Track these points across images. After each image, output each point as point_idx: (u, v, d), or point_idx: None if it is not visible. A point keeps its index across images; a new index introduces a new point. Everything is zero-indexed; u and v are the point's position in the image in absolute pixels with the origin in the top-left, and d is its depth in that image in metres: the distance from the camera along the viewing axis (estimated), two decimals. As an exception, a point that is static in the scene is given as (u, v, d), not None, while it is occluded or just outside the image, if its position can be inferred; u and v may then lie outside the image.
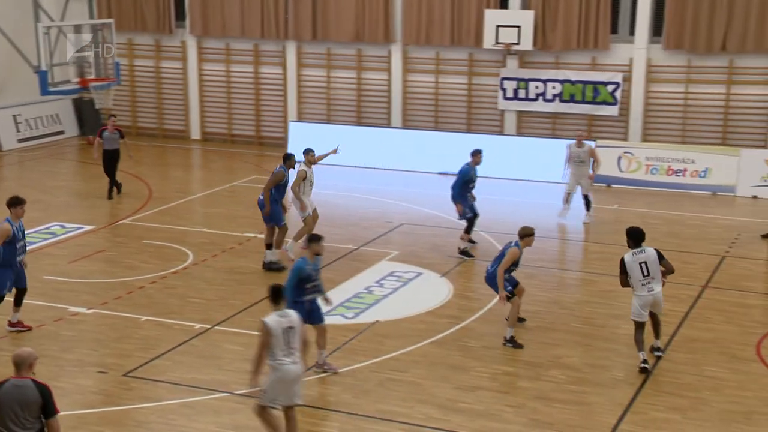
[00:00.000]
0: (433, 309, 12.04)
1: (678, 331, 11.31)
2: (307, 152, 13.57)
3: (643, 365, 10.05)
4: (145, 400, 9.37)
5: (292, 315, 8.22)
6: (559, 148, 19.40)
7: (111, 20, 19.51)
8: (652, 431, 8.98)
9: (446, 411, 9.30)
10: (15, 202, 10.74)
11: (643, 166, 18.79)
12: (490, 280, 10.93)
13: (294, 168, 13.42)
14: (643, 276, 10.01)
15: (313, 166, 13.60)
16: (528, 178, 18.99)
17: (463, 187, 13.85)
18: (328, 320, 11.30)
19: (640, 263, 10.03)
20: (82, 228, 15.52)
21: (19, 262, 10.83)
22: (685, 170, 18.50)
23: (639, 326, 10.11)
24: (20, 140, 22.35)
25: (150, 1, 22.75)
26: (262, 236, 15.08)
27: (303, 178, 13.31)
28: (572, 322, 11.62)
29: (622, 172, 18.87)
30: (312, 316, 9.73)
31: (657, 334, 10.50)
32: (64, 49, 19.50)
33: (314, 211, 13.71)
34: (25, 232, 10.97)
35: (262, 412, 8.26)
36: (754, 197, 17.96)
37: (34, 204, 17.05)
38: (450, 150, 20.03)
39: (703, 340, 11.07)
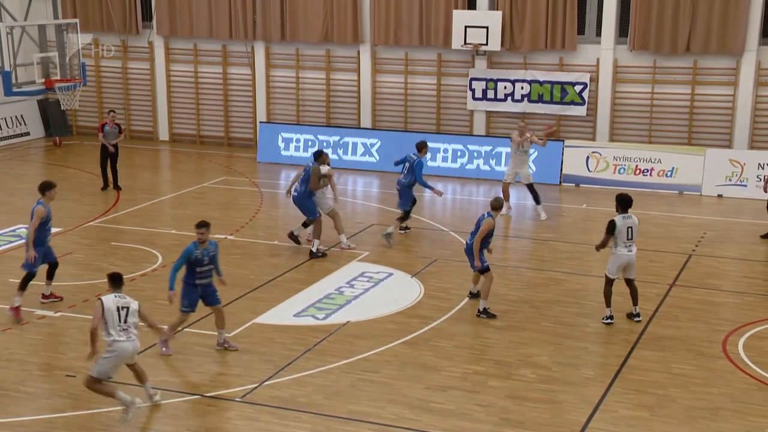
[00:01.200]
0: (404, 309, 12.07)
1: (646, 330, 11.45)
2: (320, 154, 14.20)
3: (608, 321, 11.46)
4: (113, 404, 9.28)
5: (129, 298, 9.16)
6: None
7: (76, 20, 19.28)
8: (621, 428, 9.09)
9: (418, 411, 9.33)
10: (48, 186, 11.89)
11: (611, 165, 18.99)
12: (469, 251, 11.85)
13: (328, 164, 14.25)
14: (627, 239, 11.33)
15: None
16: (497, 178, 19.11)
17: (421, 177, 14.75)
18: (300, 321, 11.31)
19: (627, 227, 11.31)
20: (54, 230, 15.29)
21: (48, 240, 11.84)
22: (652, 170, 18.73)
23: (610, 282, 11.46)
24: (-16, 142, 22.02)
25: (115, 1, 22.54)
26: (232, 237, 15.05)
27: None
28: (542, 321, 11.72)
29: (590, 171, 19.05)
30: (207, 299, 10.57)
31: (635, 301, 11.63)
32: (29, 49, 19.25)
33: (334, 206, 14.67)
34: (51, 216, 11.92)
35: (94, 383, 8.97)
36: (719, 196, 18.23)
37: (-1, 207, 16.85)
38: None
39: (671, 337, 11.22)
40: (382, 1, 20.82)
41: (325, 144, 20.67)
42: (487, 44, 19.95)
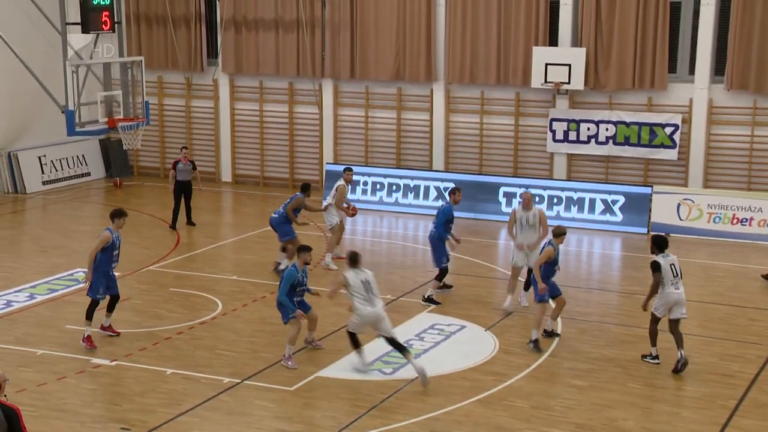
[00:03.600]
0: (477, 365, 11.95)
1: (746, 395, 11.09)
2: (347, 170, 16.43)
3: (654, 361, 11.88)
4: (169, 459, 9.39)
5: None
6: (613, 194, 19.42)
7: (141, 58, 19.97)
8: (717, 503, 8.76)
9: (492, 477, 9.18)
10: (118, 214, 12.55)
11: (705, 214, 18.61)
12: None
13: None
14: (673, 276, 11.70)
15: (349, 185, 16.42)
16: (579, 226, 18.91)
17: (446, 226, 14.26)
18: (366, 375, 11.31)
19: (670, 265, 11.70)
20: (106, 274, 15.70)
21: (112, 269, 12.56)
22: (752, 219, 18.28)
23: (656, 321, 11.85)
24: (45, 182, 22.85)
25: (181, 38, 23.31)
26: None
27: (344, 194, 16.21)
28: (629, 382, 11.46)
29: (681, 220, 18.71)
30: (302, 307, 11.99)
31: (680, 344, 11.70)
32: (92, 87, 19.99)
33: (341, 222, 16.32)
34: (119, 245, 12.60)
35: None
36: (827, 248, 17.65)
37: (56, 249, 17.40)
38: (495, 195, 20.12)
39: (773, 403, 10.84)
40: (457, 37, 21.04)
41: (394, 187, 20.81)
42: (569, 83, 19.91)
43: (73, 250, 17.40)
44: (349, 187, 16.57)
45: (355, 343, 11.72)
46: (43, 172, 22.88)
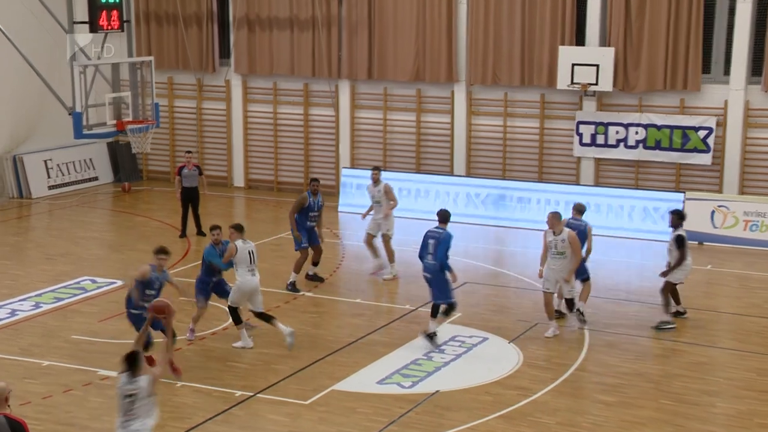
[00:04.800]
0: (500, 379, 11.93)
1: (783, 411, 11.00)
2: (375, 168, 16.50)
3: (670, 326, 13.66)
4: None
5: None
6: (643, 200, 19.34)
7: (151, 58, 20.10)
8: None
9: (515, 496, 9.16)
10: (158, 251, 11.97)
11: (741, 221, 18.48)
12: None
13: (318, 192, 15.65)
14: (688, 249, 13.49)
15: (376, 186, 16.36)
16: (607, 234, 18.82)
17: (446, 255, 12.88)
18: (383, 389, 11.31)
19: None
20: (114, 283, 15.82)
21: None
22: (789, 226, 18.16)
23: (671, 288, 13.79)
24: (51, 187, 23.01)
25: (192, 38, 23.43)
26: (310, 294, 15.23)
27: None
28: (660, 398, 11.40)
29: (715, 228, 18.58)
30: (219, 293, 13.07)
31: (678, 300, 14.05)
32: (100, 89, 20.12)
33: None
34: (160, 285, 11.84)
35: None
36: None
37: (63, 257, 17.51)
38: (519, 201, 20.08)
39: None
40: (479, 36, 21.03)
41: (414, 192, 20.80)
42: (597, 84, 19.85)
43: (79, 258, 17.51)
44: (378, 186, 16.40)
45: (237, 320, 12.66)
46: (49, 177, 23.04)
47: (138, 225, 20.16)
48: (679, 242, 13.55)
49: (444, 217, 13.14)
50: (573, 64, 19.89)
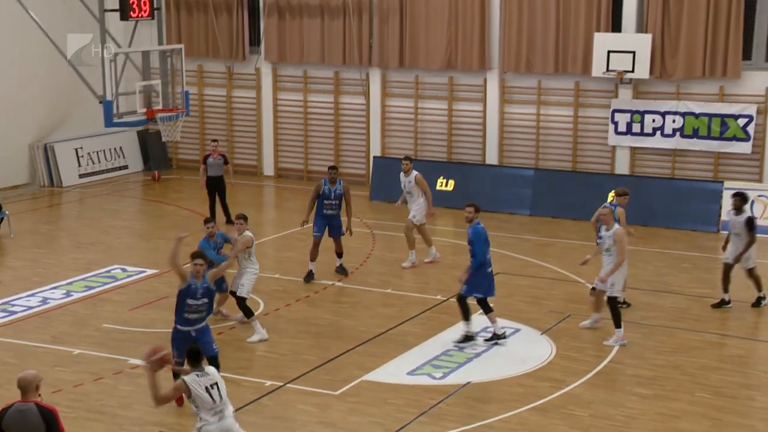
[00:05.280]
0: (532, 370, 11.89)
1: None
2: (406, 158, 16.35)
3: (728, 305, 13.88)
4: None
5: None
6: (680, 190, 19.15)
7: (181, 46, 20.20)
8: None
9: (548, 489, 9.14)
10: (193, 256, 10.82)
11: (781, 211, 18.26)
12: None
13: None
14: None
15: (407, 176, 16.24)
16: (642, 223, 18.66)
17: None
18: (414, 380, 11.31)
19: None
20: (144, 272, 15.96)
21: (184, 321, 10.73)
22: (831, 217, 17.90)
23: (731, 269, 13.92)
24: (81, 175, 23.24)
25: (222, 26, 23.52)
26: (340, 284, 15.28)
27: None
28: (697, 391, 11.31)
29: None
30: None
31: (759, 287, 14.23)
32: (130, 77, 20.27)
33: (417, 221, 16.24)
34: (201, 292, 10.69)
35: None
36: None
37: (93, 245, 17.69)
38: (552, 190, 19.97)
39: None
40: (513, 22, 20.91)
41: (445, 182, 20.75)
42: (633, 71, 19.67)
43: (110, 246, 17.68)
44: (410, 176, 16.24)
45: (249, 312, 12.88)
46: (79, 165, 23.26)
47: (168, 214, 20.30)
48: (750, 224, 13.67)
49: (476, 208, 12.79)
50: (609, 51, 19.72)
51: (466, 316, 12.60)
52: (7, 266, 16.58)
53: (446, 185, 20.77)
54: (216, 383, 8.61)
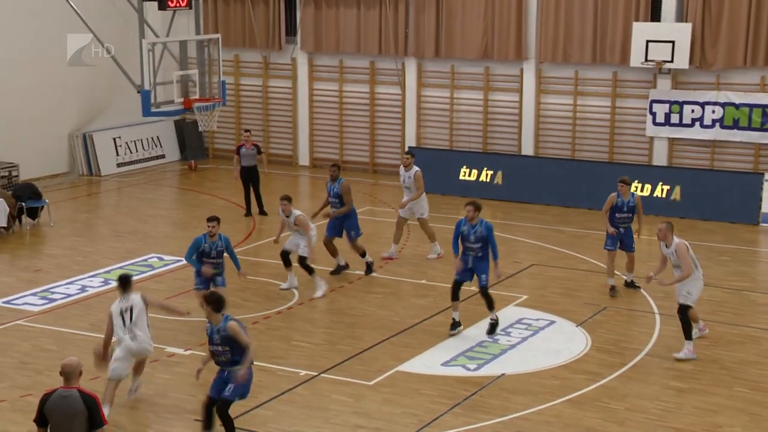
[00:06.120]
0: (567, 363, 11.85)
1: None
2: (408, 153, 16.43)
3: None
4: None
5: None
6: (719, 182, 18.93)
7: (218, 35, 20.29)
8: None
9: (582, 482, 9.11)
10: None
11: (822, 204, 18.00)
12: None
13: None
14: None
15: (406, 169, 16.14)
16: (681, 215, 18.49)
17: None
18: (449, 371, 11.31)
19: None
20: (181, 261, 16.05)
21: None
22: None
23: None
24: (119, 164, 23.48)
25: (259, 15, 23.60)
26: (375, 274, 15.30)
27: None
28: (735, 386, 11.21)
29: (796, 211, 18.13)
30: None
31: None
32: (168, 66, 20.40)
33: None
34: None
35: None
36: None
37: (131, 234, 17.88)
38: (589, 181, 19.83)
39: None
40: (550, 12, 20.77)
41: (479, 174, 20.67)
42: (672, 61, 19.47)
43: (147, 235, 17.86)
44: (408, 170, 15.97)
45: (310, 269, 13.91)
46: (117, 154, 23.50)
47: (204, 203, 20.45)
48: None
49: (477, 207, 12.65)
50: (647, 41, 19.53)
51: (491, 305, 12.61)
52: (47, 254, 16.82)
53: (481, 176, 20.67)
54: (131, 308, 10.47)
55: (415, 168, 16.01)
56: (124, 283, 10.52)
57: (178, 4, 18.31)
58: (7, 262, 16.41)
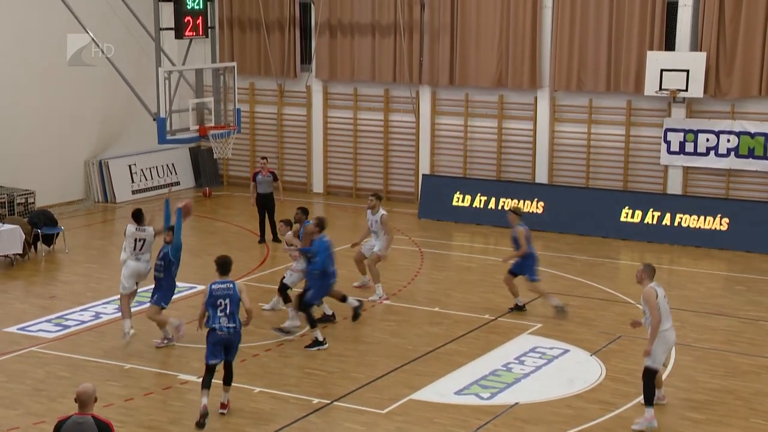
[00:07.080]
0: (581, 392, 11.79)
1: None
2: (374, 195, 15.96)
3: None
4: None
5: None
6: (733, 211, 18.87)
7: (233, 64, 20.46)
8: None
9: None
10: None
11: (838, 233, 17.91)
12: None
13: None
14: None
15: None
16: (695, 244, 18.44)
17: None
18: (462, 400, 11.26)
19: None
20: (194, 288, 16.15)
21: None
22: None
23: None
24: (134, 191, 23.62)
25: (274, 44, 23.80)
26: (388, 302, 15.30)
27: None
28: (751, 417, 11.11)
29: (811, 240, 18.04)
30: None
31: None
32: (183, 94, 20.58)
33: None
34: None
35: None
36: None
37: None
38: (602, 210, 19.80)
39: None
40: (564, 41, 20.85)
41: (493, 201, 20.68)
42: (686, 90, 19.48)
43: (161, 262, 17.87)
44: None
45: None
46: (132, 181, 23.65)
47: (218, 230, 20.52)
48: None
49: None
50: (662, 70, 19.55)
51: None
52: (61, 281, 16.91)
53: (489, 204, 20.68)
54: (144, 239, 13.25)
55: (382, 211, 15.54)
56: (139, 216, 13.40)
57: (194, 33, 18.48)
58: (22, 289, 16.50)
